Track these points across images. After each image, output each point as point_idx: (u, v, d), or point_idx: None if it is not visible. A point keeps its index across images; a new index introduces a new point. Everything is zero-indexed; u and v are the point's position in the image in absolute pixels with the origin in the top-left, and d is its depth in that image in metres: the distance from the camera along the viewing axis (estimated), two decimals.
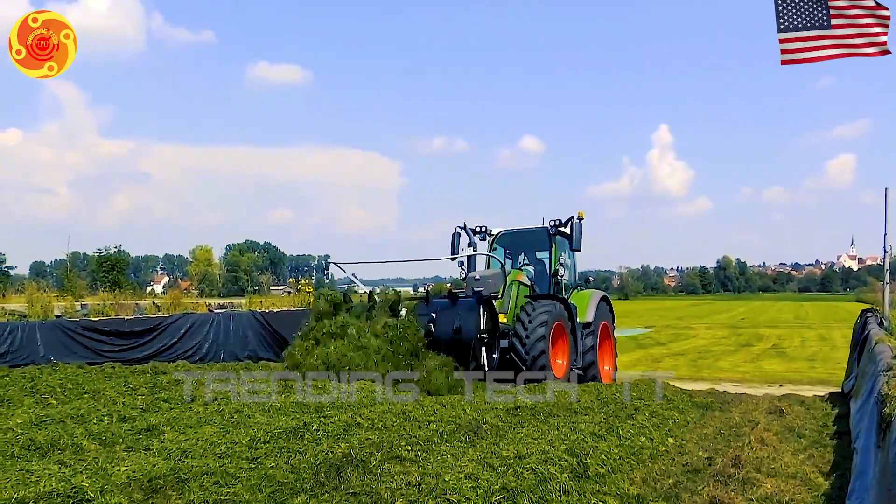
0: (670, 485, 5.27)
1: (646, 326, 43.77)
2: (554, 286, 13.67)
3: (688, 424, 8.03)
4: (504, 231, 14.82)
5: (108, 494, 4.04)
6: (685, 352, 25.56)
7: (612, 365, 14.57)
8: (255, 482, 4.57)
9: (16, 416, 6.90)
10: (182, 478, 4.48)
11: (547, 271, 13.85)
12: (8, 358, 13.07)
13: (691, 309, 77.74)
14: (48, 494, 3.88)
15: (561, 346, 12.29)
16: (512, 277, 12.86)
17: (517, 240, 14.97)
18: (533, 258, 14.69)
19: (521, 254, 14.88)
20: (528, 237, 14.66)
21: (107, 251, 33.72)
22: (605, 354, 14.22)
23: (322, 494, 4.56)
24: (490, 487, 4.41)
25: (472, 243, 14.52)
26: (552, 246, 13.84)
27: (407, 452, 5.48)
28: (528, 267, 14.36)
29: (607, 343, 14.44)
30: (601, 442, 6.01)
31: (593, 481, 4.97)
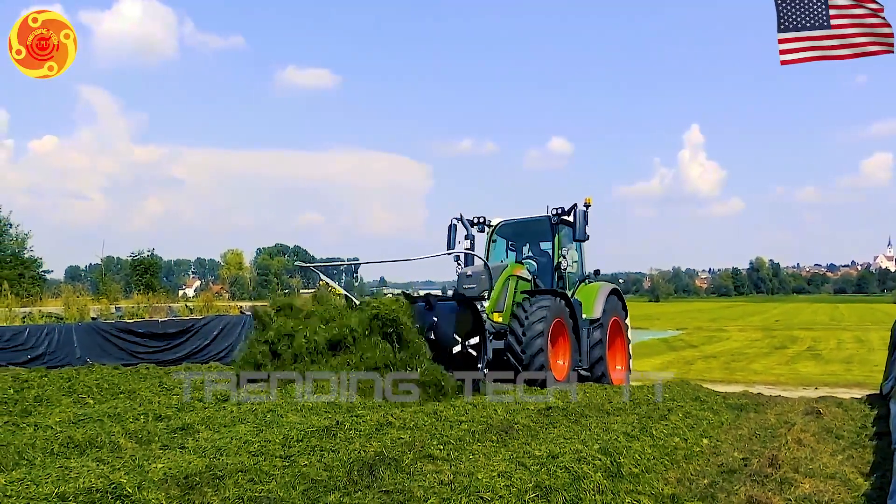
0: (706, 485, 5.20)
1: (677, 329, 43.40)
2: (557, 280, 12.76)
3: (722, 425, 7.93)
4: (504, 221, 13.83)
5: (146, 491, 4.09)
6: (718, 354, 25.29)
7: (624, 365, 13.58)
8: (288, 480, 4.60)
9: (54, 414, 7.02)
10: (217, 475, 4.52)
11: (551, 264, 12.91)
12: (45, 359, 13.32)
13: (724, 311, 76.87)
14: (87, 490, 3.94)
15: (562, 345, 11.50)
16: (509, 272, 11.86)
17: (519, 230, 13.96)
18: (537, 250, 13.63)
19: (526, 245, 13.86)
20: (531, 227, 13.61)
21: (140, 255, 34.21)
22: (616, 353, 13.32)
23: (355, 492, 4.57)
24: (523, 486, 4.39)
25: (470, 235, 13.50)
26: (555, 236, 12.91)
27: (439, 451, 5.48)
28: (530, 260, 13.39)
29: (619, 341, 13.49)
30: (634, 442, 5.96)
31: (627, 481, 4.93)
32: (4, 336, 13.24)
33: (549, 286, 12.40)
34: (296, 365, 8.72)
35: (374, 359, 8.50)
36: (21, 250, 31.17)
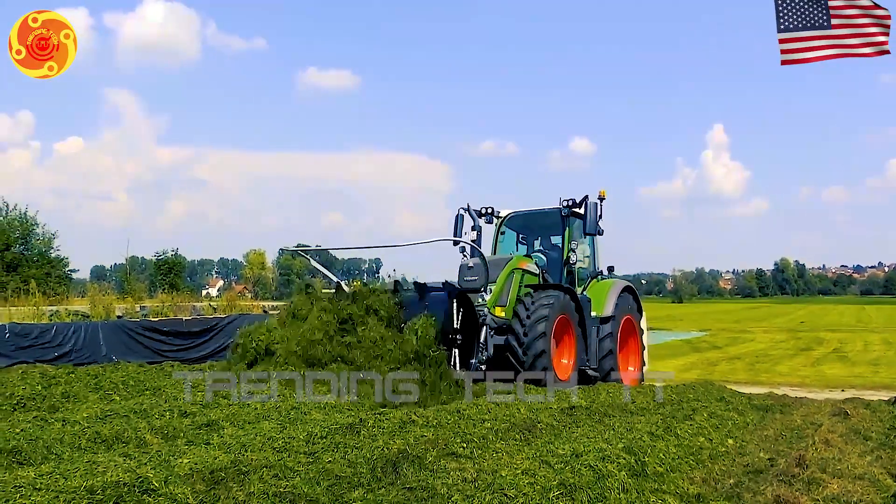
0: (731, 485, 5.16)
1: (701, 330, 43.09)
2: (567, 275, 12.25)
3: (747, 426, 7.86)
4: (514, 213, 13.39)
5: (172, 485, 4.12)
6: (742, 355, 25.07)
7: (637, 365, 12.97)
8: (313, 476, 4.62)
9: (81, 410, 7.10)
10: (242, 470, 4.55)
11: (562, 258, 12.38)
12: (72, 356, 13.47)
13: (748, 312, 76.18)
14: (115, 484, 3.98)
15: (567, 342, 11.03)
16: (513, 264, 11.38)
17: (530, 223, 13.49)
18: (548, 244, 13.14)
19: (537, 239, 13.41)
20: (542, 220, 13.16)
21: (164, 255, 34.49)
22: (628, 353, 12.83)
23: (379, 489, 4.59)
24: (547, 483, 4.37)
25: (477, 227, 12.98)
26: (565, 229, 12.35)
27: (462, 449, 5.48)
28: (540, 254, 12.85)
29: (631, 340, 12.91)
30: (659, 441, 5.92)
31: (652, 480, 4.90)
32: (32, 333, 13.41)
33: (558, 281, 11.96)
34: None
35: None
36: (48, 250, 31.51)
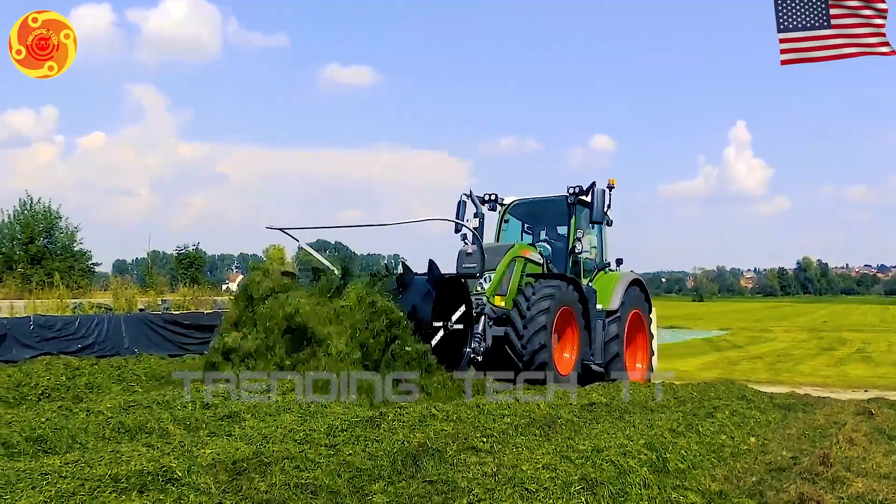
0: (754, 482, 5.12)
1: (721, 329, 42.74)
2: (572, 266, 11.79)
3: (769, 424, 7.80)
4: (518, 200, 12.93)
5: (195, 475, 4.16)
6: (763, 355, 24.83)
7: (645, 362, 12.50)
8: (334, 468, 4.65)
9: (105, 401, 7.16)
10: (264, 462, 4.58)
11: (567, 248, 11.94)
12: (95, 348, 13.62)
13: (769, 311, 75.46)
14: (139, 472, 4.02)
15: (569, 336, 10.61)
16: (515, 252, 10.93)
17: (535, 211, 13.04)
18: (554, 233, 12.69)
19: (543, 228, 12.92)
20: (547, 208, 12.67)
21: (185, 250, 34.71)
22: (636, 349, 12.36)
23: (400, 482, 4.61)
24: (568, 478, 4.36)
25: (479, 214, 12.56)
26: (570, 218, 11.90)
27: (482, 444, 5.47)
28: (544, 243, 12.39)
29: (640, 336, 12.45)
30: (680, 438, 5.90)
31: (673, 476, 4.88)
32: (56, 325, 13.58)
33: (563, 272, 11.51)
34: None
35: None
36: (71, 243, 31.82)
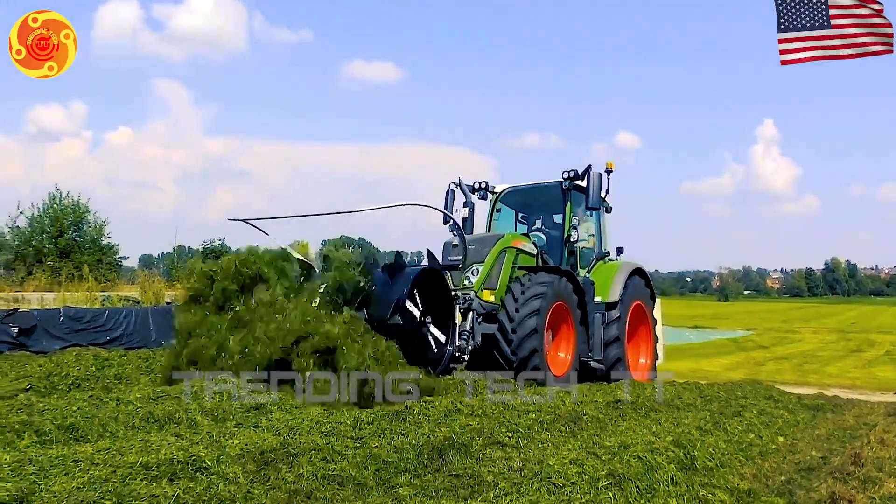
0: (783, 481, 5.07)
1: (747, 329, 42.34)
2: (568, 256, 11.08)
3: (798, 424, 7.73)
4: (511, 188, 12.30)
5: (224, 464, 4.20)
6: (790, 356, 24.57)
7: (649, 357, 11.84)
8: (360, 460, 4.67)
9: (134, 391, 7.24)
10: (291, 452, 4.61)
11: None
12: (123, 340, 13.81)
13: (796, 312, 74.55)
14: (169, 461, 4.07)
15: (564, 332, 9.93)
16: (505, 242, 10.13)
17: (529, 199, 12.33)
18: (550, 222, 11.90)
19: (539, 217, 12.11)
20: (542, 195, 11.92)
21: (210, 244, 34.92)
22: (639, 344, 11.76)
23: (425, 475, 4.62)
24: (596, 474, 4.35)
25: (469, 203, 11.91)
26: (565, 205, 11.16)
27: (508, 439, 5.48)
28: (539, 233, 11.69)
29: (643, 330, 11.80)
30: (708, 436, 5.86)
31: (701, 474, 4.84)
32: (85, 317, 13.79)
33: (557, 263, 10.80)
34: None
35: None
36: (99, 237, 32.13)
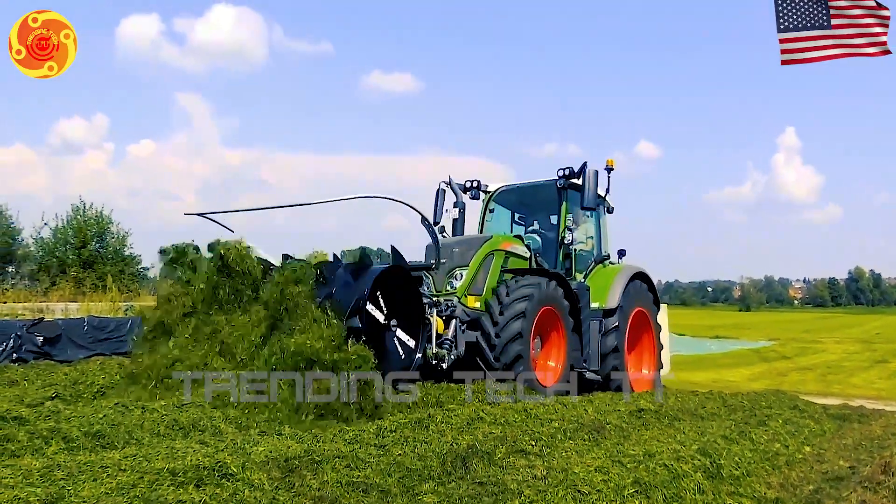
0: (811, 491, 5.02)
1: (769, 339, 41.94)
2: (563, 259, 10.42)
3: (824, 434, 7.63)
4: (504, 187, 11.72)
5: (249, 471, 4.22)
6: (813, 366, 24.31)
7: (652, 367, 11.14)
8: (384, 467, 4.67)
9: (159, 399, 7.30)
10: (315, 460, 4.62)
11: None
12: None
13: (819, 322, 73.73)
14: (195, 467, 4.09)
15: (554, 340, 9.32)
16: (492, 245, 9.53)
17: (525, 199, 11.78)
18: (547, 223, 11.18)
19: (536, 218, 11.53)
20: (538, 194, 11.30)
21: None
22: (641, 353, 11.14)
23: (449, 482, 4.61)
24: (621, 482, 4.32)
25: (459, 203, 11.35)
26: (561, 204, 10.53)
27: (531, 447, 5.46)
28: (535, 235, 11.13)
29: (645, 338, 11.17)
30: (733, 445, 5.80)
31: (728, 482, 4.80)
32: (109, 327, 13.90)
33: (552, 266, 10.20)
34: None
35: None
36: (122, 248, 32.48)
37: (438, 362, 8.26)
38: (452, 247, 9.44)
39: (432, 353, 8.16)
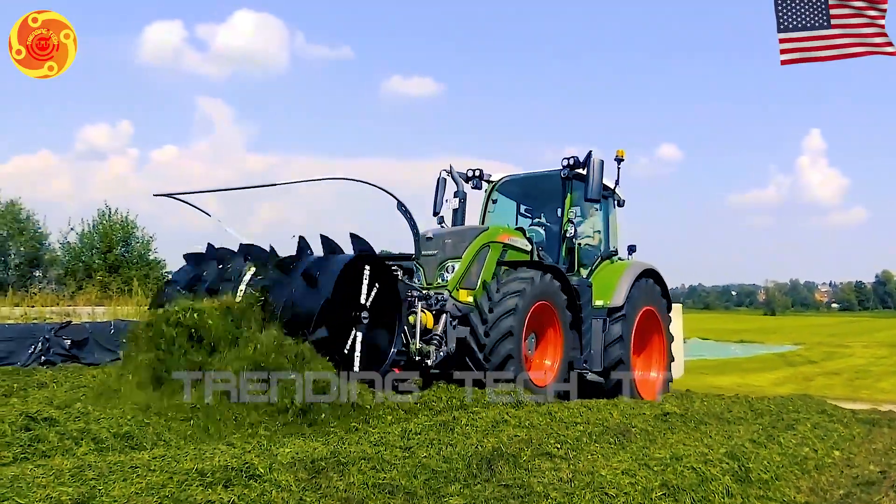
0: (841, 496, 4.96)
1: (795, 343, 41.40)
2: (565, 254, 9.90)
3: (854, 438, 7.53)
4: (508, 177, 11.25)
5: (276, 472, 4.25)
6: (840, 371, 23.94)
7: (662, 370, 10.56)
8: (409, 469, 4.67)
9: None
10: (341, 461, 4.64)
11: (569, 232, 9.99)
12: None
13: (846, 326, 72.71)
14: (223, 468, 4.13)
15: (551, 338, 8.83)
16: (488, 237, 9.04)
17: (530, 189, 11.29)
18: (553, 216, 10.56)
19: (543, 211, 10.99)
20: (543, 185, 10.77)
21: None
22: (651, 354, 10.60)
23: (475, 485, 4.61)
24: (649, 484, 4.29)
25: (460, 193, 10.84)
26: (564, 196, 9.98)
27: (556, 450, 5.44)
28: (538, 227, 10.73)
29: (655, 339, 10.61)
30: (761, 449, 5.74)
31: (757, 486, 4.75)
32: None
33: (556, 261, 9.70)
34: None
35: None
36: (146, 252, 32.87)
37: (423, 359, 7.80)
38: (445, 237, 8.96)
39: (415, 350, 7.69)
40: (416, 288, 8.24)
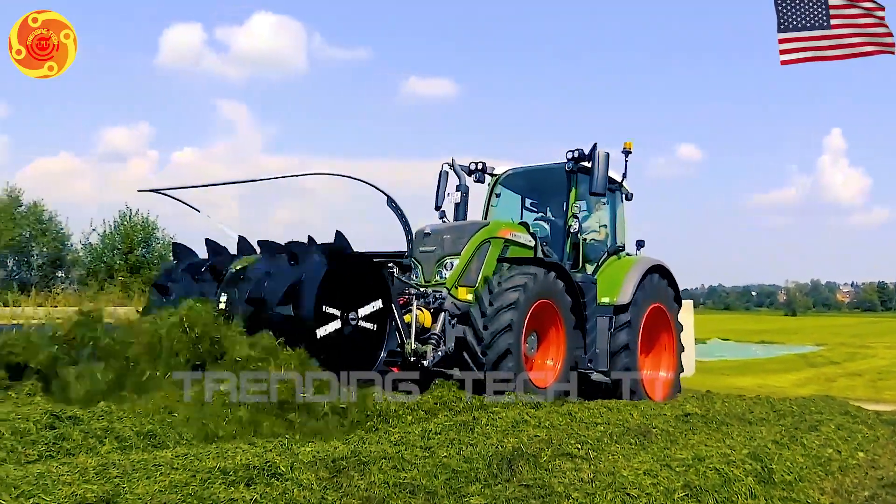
0: (866, 497, 4.91)
1: (816, 344, 40.94)
2: (570, 249, 9.54)
3: (878, 440, 7.45)
4: (513, 170, 10.85)
5: (297, 471, 4.28)
6: (863, 372, 23.66)
7: (672, 370, 10.25)
8: (430, 469, 4.68)
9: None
10: (362, 461, 4.66)
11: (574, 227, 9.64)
12: None
13: (868, 326, 71.83)
14: (245, 466, 4.16)
15: (553, 337, 8.56)
16: (489, 232, 8.75)
17: (535, 183, 10.92)
18: (559, 210, 10.11)
19: (548, 206, 10.56)
20: (548, 178, 10.42)
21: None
22: (660, 353, 10.30)
23: (496, 484, 4.61)
24: (671, 485, 4.27)
25: (462, 187, 10.52)
26: (569, 190, 9.63)
27: (577, 450, 5.42)
28: (542, 222, 10.33)
29: (664, 337, 10.29)
30: (784, 450, 5.70)
31: (780, 487, 4.71)
32: None
33: (560, 257, 9.37)
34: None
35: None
36: (167, 253, 33.12)
37: (419, 359, 7.58)
38: (444, 233, 8.72)
39: (410, 349, 7.40)
40: (413, 285, 8.07)
